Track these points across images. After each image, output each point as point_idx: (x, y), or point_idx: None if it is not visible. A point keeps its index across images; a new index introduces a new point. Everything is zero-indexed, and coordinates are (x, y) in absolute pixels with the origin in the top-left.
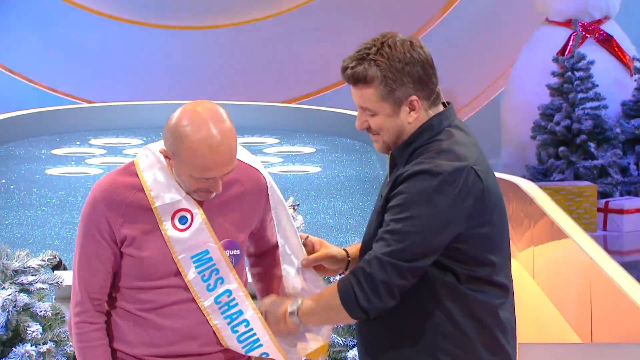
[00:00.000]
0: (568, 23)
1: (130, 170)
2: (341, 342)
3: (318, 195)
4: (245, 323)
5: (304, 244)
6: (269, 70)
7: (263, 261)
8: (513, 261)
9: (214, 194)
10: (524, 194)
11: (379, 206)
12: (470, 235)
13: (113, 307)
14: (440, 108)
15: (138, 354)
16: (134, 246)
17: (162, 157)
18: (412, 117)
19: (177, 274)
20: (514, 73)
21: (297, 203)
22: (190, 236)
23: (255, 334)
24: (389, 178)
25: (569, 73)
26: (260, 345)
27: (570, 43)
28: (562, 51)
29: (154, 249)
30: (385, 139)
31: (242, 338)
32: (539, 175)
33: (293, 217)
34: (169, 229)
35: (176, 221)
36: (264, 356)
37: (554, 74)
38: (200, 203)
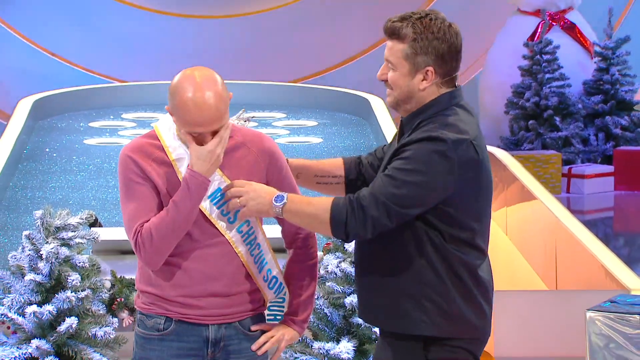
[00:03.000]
0: (537, 13)
1: (152, 135)
2: (340, 290)
3: None
4: (258, 246)
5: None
6: (277, 53)
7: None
8: None
9: None
10: (498, 161)
11: (384, 166)
12: (459, 201)
13: None
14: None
15: (168, 296)
16: (160, 196)
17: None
18: (422, 85)
19: (199, 218)
20: (490, 56)
21: (252, 115)
22: None
23: (263, 254)
24: (396, 144)
25: (538, 56)
26: (267, 262)
27: (539, 30)
28: (532, 37)
29: None
30: (396, 94)
31: (256, 259)
32: (511, 145)
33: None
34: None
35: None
36: (269, 273)
37: (524, 57)
38: None
